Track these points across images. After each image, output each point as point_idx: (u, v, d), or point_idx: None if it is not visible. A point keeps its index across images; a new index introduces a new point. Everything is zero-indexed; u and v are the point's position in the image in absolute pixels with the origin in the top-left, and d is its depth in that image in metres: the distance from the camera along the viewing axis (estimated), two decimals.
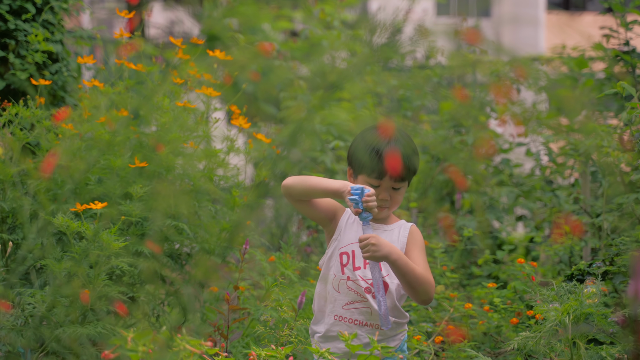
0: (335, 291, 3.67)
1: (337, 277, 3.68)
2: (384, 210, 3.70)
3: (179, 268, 4.60)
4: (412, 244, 3.72)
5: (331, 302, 3.68)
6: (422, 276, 3.56)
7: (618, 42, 6.53)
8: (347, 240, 3.71)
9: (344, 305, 3.66)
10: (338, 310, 3.67)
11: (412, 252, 3.70)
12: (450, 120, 7.05)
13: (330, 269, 3.71)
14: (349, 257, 3.69)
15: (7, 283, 4.26)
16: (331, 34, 8.08)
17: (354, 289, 3.66)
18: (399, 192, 3.71)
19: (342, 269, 3.68)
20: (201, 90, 4.68)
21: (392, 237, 3.72)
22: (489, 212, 6.90)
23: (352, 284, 3.66)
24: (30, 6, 5.48)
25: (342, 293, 3.66)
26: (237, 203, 4.61)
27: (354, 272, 3.66)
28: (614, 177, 5.51)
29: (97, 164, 4.42)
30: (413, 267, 3.55)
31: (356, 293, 3.66)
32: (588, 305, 3.61)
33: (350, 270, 3.66)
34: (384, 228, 3.73)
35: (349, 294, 3.66)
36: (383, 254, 3.48)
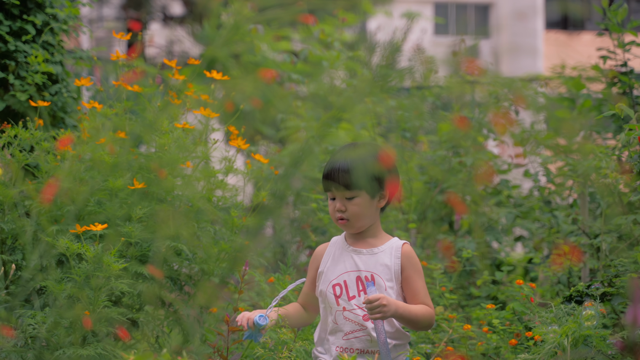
0: (334, 324, 3.67)
1: (332, 310, 3.67)
2: (345, 223, 3.70)
3: (179, 289, 4.60)
4: (410, 269, 3.71)
5: (332, 335, 3.68)
6: (423, 315, 3.63)
7: (615, 63, 6.55)
8: (336, 273, 3.72)
9: (343, 336, 3.66)
10: (339, 341, 3.66)
11: (411, 279, 3.70)
12: (448, 141, 7.06)
13: (324, 304, 3.72)
14: (341, 288, 3.68)
15: (8, 305, 4.26)
16: (331, 54, 8.11)
17: (351, 318, 3.65)
18: (353, 202, 3.68)
19: (336, 300, 3.67)
20: (199, 111, 4.70)
21: (383, 260, 3.70)
22: (487, 232, 6.91)
23: (348, 314, 3.65)
24: (30, 27, 5.49)
25: (340, 324, 3.65)
26: (236, 224, 4.61)
27: (349, 302, 3.66)
28: (612, 198, 5.52)
29: (97, 186, 4.43)
30: (416, 312, 3.61)
31: (354, 323, 3.65)
32: (587, 327, 3.62)
33: (346, 301, 3.66)
34: (373, 252, 3.73)
35: (346, 325, 3.65)
36: (392, 312, 3.52)
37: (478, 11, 33.52)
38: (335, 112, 3.92)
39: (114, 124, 4.65)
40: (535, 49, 31.40)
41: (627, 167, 4.86)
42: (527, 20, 31.51)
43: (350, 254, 3.72)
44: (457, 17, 33.06)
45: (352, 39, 9.35)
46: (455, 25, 32.89)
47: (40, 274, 4.26)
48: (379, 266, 3.68)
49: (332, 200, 3.71)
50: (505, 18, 32.18)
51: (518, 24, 31.44)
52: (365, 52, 7.07)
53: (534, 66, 29.85)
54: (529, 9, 31.95)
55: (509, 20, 31.95)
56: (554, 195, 7.19)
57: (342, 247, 3.76)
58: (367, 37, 12.39)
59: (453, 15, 33.04)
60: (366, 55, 3.92)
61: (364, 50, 7.75)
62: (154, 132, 4.57)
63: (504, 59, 30.98)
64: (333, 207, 3.70)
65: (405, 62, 3.87)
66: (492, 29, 32.57)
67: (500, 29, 32.02)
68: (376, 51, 3.81)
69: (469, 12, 33.36)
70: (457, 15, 33.12)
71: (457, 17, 33.08)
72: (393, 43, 3.80)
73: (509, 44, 31.30)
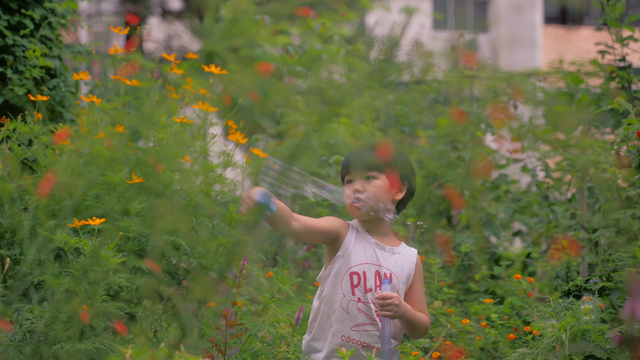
0: (344, 312, 3.63)
1: (346, 298, 3.63)
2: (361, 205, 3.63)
3: (177, 284, 4.60)
4: (418, 277, 3.76)
5: (338, 322, 3.64)
6: (424, 324, 3.68)
7: (614, 58, 6.55)
8: (356, 260, 3.66)
9: (352, 326, 3.63)
10: (346, 331, 3.62)
11: (417, 287, 3.75)
12: (447, 135, 7.06)
13: (336, 287, 3.66)
14: (359, 278, 3.65)
15: (6, 299, 4.26)
16: (330, 48, 8.10)
17: (364, 311, 3.63)
18: (372, 183, 3.65)
19: (352, 289, 3.63)
20: (198, 106, 4.69)
21: (401, 262, 3.72)
22: (486, 227, 6.91)
23: (362, 305, 3.62)
24: (28, 22, 5.49)
25: (352, 314, 3.62)
26: (234, 218, 4.61)
27: (365, 294, 3.63)
28: (610, 192, 5.52)
29: (95, 180, 4.42)
30: (419, 320, 3.65)
31: (366, 315, 3.63)
32: (585, 321, 3.62)
33: (362, 292, 3.63)
34: (394, 251, 3.73)
35: (358, 316, 3.63)
36: (401, 314, 3.55)
37: (476, 6, 33.51)
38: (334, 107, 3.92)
39: (112, 118, 4.65)
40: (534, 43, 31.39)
41: (626, 161, 4.86)
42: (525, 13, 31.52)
43: (373, 246, 3.70)
44: (456, 12, 33.05)
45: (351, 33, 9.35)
46: (453, 20, 32.87)
47: (38, 268, 4.27)
48: (397, 267, 3.69)
49: (349, 184, 3.68)
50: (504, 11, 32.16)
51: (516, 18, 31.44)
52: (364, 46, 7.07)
53: (533, 60, 29.84)
54: (528, 4, 31.94)
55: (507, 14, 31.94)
56: (552, 189, 7.19)
57: (363, 236, 3.72)
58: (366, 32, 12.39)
59: (452, 10, 33.03)
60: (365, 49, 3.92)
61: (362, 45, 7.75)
62: (152, 126, 4.57)
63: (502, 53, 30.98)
64: (350, 190, 3.66)
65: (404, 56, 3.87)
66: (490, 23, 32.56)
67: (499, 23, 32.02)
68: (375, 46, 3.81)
69: (467, 7, 33.35)
70: (455, 9, 33.10)
71: (456, 11, 33.07)
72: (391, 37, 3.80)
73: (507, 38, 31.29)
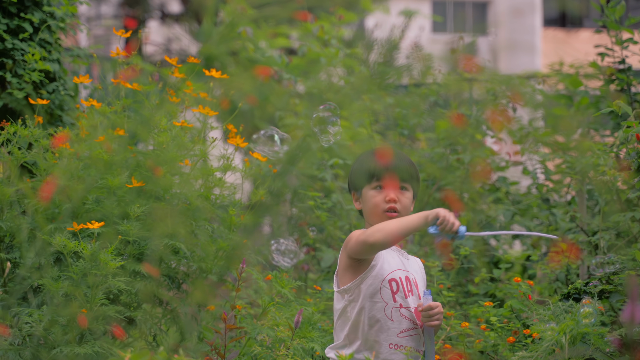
0: (389, 319, 3.60)
1: (389, 305, 3.60)
2: (395, 215, 3.61)
3: (176, 287, 4.60)
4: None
5: (384, 331, 3.60)
6: None
7: (613, 60, 6.55)
8: (390, 267, 3.65)
9: (398, 333, 3.60)
10: (393, 338, 3.59)
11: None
12: (446, 138, 7.06)
13: (375, 296, 3.61)
14: (398, 284, 3.63)
15: (5, 303, 4.26)
16: (329, 51, 8.10)
17: (407, 316, 3.61)
18: (405, 194, 3.65)
19: (393, 296, 3.61)
20: (198, 110, 4.69)
21: (415, 266, 3.74)
22: (485, 230, 6.91)
23: (405, 311, 3.61)
24: (28, 25, 5.49)
25: (396, 321, 3.60)
26: (233, 222, 4.61)
27: (406, 299, 3.62)
28: (610, 195, 5.52)
29: (95, 183, 4.42)
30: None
31: (410, 320, 3.62)
32: (584, 324, 3.62)
33: (403, 298, 3.62)
34: (407, 256, 3.75)
35: (403, 322, 3.61)
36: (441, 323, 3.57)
37: (476, 8, 33.53)
38: None
39: (112, 122, 4.65)
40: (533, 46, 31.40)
41: (625, 164, 4.86)
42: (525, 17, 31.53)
43: (396, 253, 3.71)
44: (455, 15, 33.06)
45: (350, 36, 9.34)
46: (453, 23, 32.89)
47: (37, 272, 4.26)
48: (417, 271, 3.72)
49: (378, 190, 3.64)
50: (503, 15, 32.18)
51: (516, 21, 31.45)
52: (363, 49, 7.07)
53: (532, 63, 29.85)
54: (527, 6, 31.96)
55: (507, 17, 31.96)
56: (552, 192, 7.19)
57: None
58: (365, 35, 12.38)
59: (451, 13, 33.04)
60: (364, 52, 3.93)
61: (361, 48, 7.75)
62: (151, 130, 4.57)
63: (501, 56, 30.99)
64: (382, 197, 3.62)
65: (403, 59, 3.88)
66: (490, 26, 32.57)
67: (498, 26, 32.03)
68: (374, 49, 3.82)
69: (467, 10, 33.36)
70: (455, 12, 33.12)
71: (455, 14, 33.08)
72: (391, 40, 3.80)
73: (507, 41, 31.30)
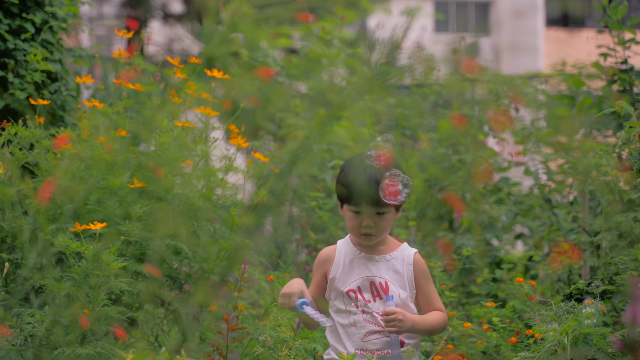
0: (352, 326, 3.68)
1: (352, 313, 3.69)
2: (370, 238, 3.69)
3: (178, 288, 4.59)
4: (422, 277, 3.78)
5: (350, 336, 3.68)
6: (439, 323, 3.73)
7: (616, 61, 6.54)
8: (351, 277, 3.72)
9: (363, 338, 3.67)
10: (358, 343, 3.67)
11: (424, 287, 3.77)
12: (448, 138, 7.05)
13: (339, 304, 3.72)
14: (356, 293, 3.70)
15: (7, 304, 4.25)
16: (330, 51, 8.09)
17: (370, 321, 3.67)
18: (384, 217, 3.69)
19: (355, 304, 3.69)
20: (200, 110, 4.69)
21: (395, 267, 3.73)
22: (487, 230, 6.90)
23: (368, 316, 3.66)
24: (30, 26, 5.49)
25: (359, 327, 3.67)
26: (235, 222, 4.61)
27: (368, 305, 3.67)
28: (612, 195, 5.51)
29: (97, 184, 4.42)
30: (432, 323, 3.70)
31: (374, 325, 3.66)
32: (587, 325, 3.61)
33: (364, 304, 3.68)
34: (385, 258, 3.75)
35: (366, 327, 3.66)
36: (408, 327, 3.59)
37: (478, 8, 33.52)
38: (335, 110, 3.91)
39: (114, 122, 4.65)
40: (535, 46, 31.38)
41: (628, 164, 4.85)
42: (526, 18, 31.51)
43: (362, 260, 3.74)
44: (457, 15, 33.05)
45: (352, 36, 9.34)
46: (455, 23, 32.87)
47: (39, 273, 4.26)
48: (392, 273, 3.72)
49: (356, 213, 3.68)
50: (506, 15, 32.16)
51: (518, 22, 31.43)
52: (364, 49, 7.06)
53: (534, 64, 29.83)
54: (529, 7, 31.94)
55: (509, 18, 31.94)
56: (554, 193, 7.18)
57: (352, 253, 3.78)
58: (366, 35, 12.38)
59: (453, 13, 33.03)
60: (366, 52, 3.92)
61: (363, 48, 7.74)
62: (153, 130, 4.57)
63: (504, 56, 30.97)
64: (358, 222, 3.67)
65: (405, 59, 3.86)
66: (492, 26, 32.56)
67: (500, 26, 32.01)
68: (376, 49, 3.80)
69: (469, 10, 33.35)
70: (457, 12, 33.11)
71: (457, 14, 33.06)
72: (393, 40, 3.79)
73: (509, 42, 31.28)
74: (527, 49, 30.91)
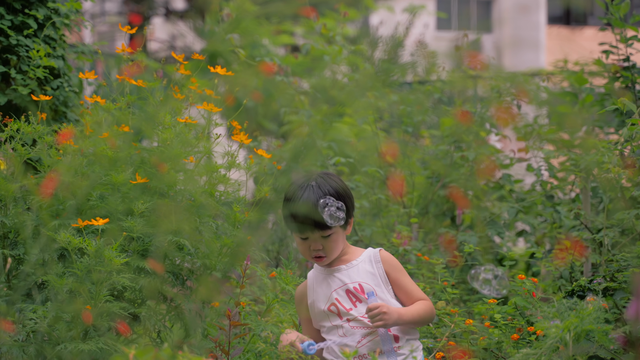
0: (343, 337, 3.71)
1: (338, 326, 3.74)
2: (322, 259, 3.77)
3: (181, 284, 4.60)
4: (394, 272, 3.82)
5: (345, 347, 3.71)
6: (425, 312, 3.74)
7: (618, 58, 6.54)
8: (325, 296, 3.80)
9: (357, 344, 3.69)
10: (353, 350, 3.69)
11: (399, 281, 3.81)
12: (451, 135, 7.05)
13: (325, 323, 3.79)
14: (336, 306, 3.75)
15: (9, 299, 4.26)
16: (333, 49, 8.10)
17: (358, 326, 3.69)
18: (330, 239, 3.75)
19: (339, 316, 3.75)
20: (202, 106, 4.69)
21: (365, 268, 3.76)
22: (489, 227, 6.90)
23: (354, 323, 3.70)
24: (32, 22, 5.49)
25: (350, 336, 3.69)
26: (238, 219, 4.61)
27: (350, 312, 3.72)
28: (614, 192, 5.51)
29: (99, 180, 4.42)
30: (419, 313, 3.72)
31: (363, 328, 3.68)
32: (589, 322, 3.61)
33: (346, 313, 3.72)
34: (352, 264, 3.79)
35: (356, 333, 3.69)
36: (394, 320, 3.60)
37: (480, 5, 33.48)
38: (337, 107, 3.92)
39: (117, 118, 4.65)
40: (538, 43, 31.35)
41: (630, 161, 4.85)
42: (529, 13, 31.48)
43: (332, 275, 3.81)
44: (460, 12, 33.02)
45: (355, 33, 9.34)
46: (457, 20, 32.85)
47: (42, 268, 4.27)
48: (363, 275, 3.76)
49: (303, 239, 3.76)
50: (508, 11, 32.13)
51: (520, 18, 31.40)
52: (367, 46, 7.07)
53: (537, 61, 29.80)
54: (532, 3, 31.91)
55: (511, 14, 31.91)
56: (556, 190, 7.18)
57: (322, 273, 3.85)
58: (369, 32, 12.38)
59: (455, 10, 33.00)
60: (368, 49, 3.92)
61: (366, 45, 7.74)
62: (156, 127, 4.57)
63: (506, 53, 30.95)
64: (307, 247, 3.76)
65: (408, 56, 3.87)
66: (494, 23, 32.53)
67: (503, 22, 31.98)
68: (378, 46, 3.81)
69: (471, 7, 33.32)
70: (459, 9, 33.08)
71: (460, 11, 33.04)
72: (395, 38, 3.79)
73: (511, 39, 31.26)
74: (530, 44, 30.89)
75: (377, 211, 7.07)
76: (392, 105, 7.48)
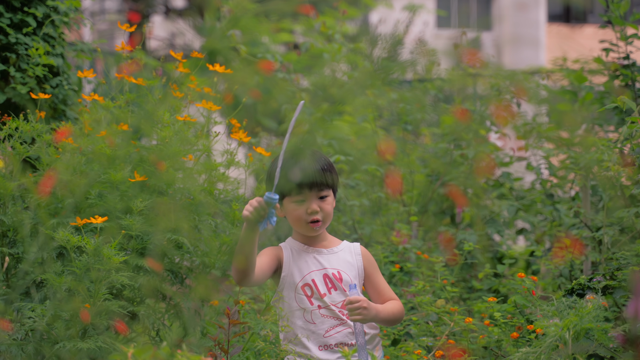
0: (311, 323, 3.69)
1: (307, 310, 3.71)
2: (318, 224, 3.74)
3: (180, 282, 4.59)
4: (371, 268, 3.85)
5: (310, 335, 3.70)
6: (399, 312, 3.80)
7: (618, 56, 6.53)
8: (302, 273, 3.76)
9: (324, 334, 3.68)
10: (320, 339, 3.68)
11: (373, 277, 3.84)
12: (450, 133, 7.05)
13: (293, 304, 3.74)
14: (311, 287, 3.73)
15: (8, 298, 4.25)
16: (332, 47, 8.09)
17: (328, 315, 3.68)
18: (326, 201, 3.74)
19: (309, 300, 3.72)
20: (201, 104, 4.69)
21: (345, 258, 3.77)
22: (489, 225, 6.90)
23: (325, 311, 3.69)
24: (31, 20, 5.48)
25: (318, 323, 3.68)
26: (237, 217, 4.61)
27: (323, 299, 3.70)
28: (614, 191, 5.51)
29: (98, 178, 4.42)
30: (393, 312, 3.76)
31: (333, 318, 3.68)
32: (588, 320, 3.61)
33: (319, 299, 3.71)
34: (333, 250, 3.79)
35: (325, 322, 3.68)
36: (372, 316, 3.60)
37: (480, 3, 33.47)
38: (337, 105, 3.92)
39: (116, 117, 4.65)
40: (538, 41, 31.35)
41: (629, 160, 4.85)
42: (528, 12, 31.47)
43: (312, 254, 3.79)
44: (459, 10, 33.01)
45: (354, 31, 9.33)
46: (457, 18, 32.84)
47: (40, 267, 4.26)
48: (343, 263, 3.76)
49: (299, 203, 3.73)
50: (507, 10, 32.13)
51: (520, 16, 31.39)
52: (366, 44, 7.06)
53: (536, 59, 29.80)
54: (531, 1, 31.90)
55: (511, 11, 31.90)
56: (556, 188, 7.18)
57: (300, 249, 3.82)
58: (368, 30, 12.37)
59: (455, 8, 32.99)
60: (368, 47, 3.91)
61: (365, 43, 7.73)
62: (155, 125, 4.57)
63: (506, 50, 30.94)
64: (304, 210, 3.73)
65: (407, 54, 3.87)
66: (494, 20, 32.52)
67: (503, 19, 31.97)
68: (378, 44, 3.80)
69: (471, 4, 33.31)
70: (459, 7, 33.07)
71: (459, 9, 33.03)
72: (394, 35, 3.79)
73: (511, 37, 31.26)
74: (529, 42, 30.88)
75: (376, 209, 7.06)
76: (391, 104, 7.47)
